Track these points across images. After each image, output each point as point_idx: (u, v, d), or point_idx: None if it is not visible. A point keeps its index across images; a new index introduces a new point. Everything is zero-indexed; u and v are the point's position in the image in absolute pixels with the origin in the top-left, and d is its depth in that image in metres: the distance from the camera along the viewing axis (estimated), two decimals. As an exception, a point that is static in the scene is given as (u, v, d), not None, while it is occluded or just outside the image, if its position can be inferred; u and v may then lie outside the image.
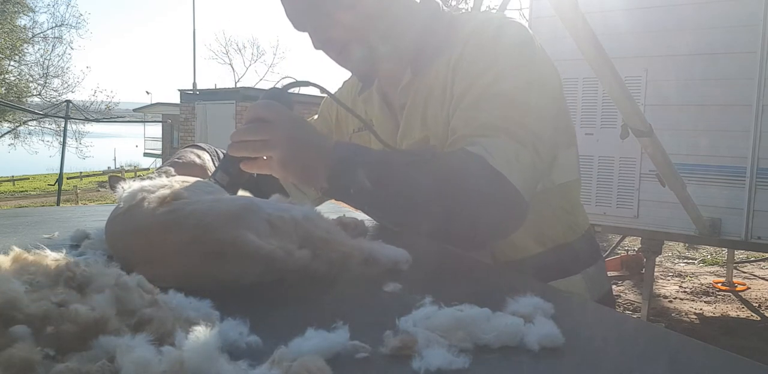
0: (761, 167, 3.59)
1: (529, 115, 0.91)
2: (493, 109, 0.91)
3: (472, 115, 0.92)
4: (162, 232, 0.73)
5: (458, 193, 0.83)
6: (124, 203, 0.81)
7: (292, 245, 0.71)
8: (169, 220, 0.73)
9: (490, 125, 0.89)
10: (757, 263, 6.14)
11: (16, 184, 18.87)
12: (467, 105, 0.94)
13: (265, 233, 0.71)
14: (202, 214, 0.72)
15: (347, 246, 0.76)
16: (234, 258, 0.69)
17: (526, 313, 0.58)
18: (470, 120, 0.92)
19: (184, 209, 0.74)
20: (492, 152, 0.86)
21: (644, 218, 3.97)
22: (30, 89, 21.58)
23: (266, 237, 0.70)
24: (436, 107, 1.01)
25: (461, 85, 0.96)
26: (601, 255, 1.19)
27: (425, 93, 1.04)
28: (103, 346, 0.45)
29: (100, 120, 17.05)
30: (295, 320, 0.61)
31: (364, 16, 0.99)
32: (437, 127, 1.01)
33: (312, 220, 0.76)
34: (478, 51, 0.96)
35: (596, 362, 0.53)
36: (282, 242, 0.71)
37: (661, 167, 3.09)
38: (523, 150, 0.88)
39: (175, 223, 0.72)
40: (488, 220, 0.86)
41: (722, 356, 0.53)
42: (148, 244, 0.73)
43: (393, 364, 0.50)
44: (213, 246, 0.69)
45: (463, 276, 0.84)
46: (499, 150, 0.87)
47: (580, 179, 1.12)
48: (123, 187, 0.85)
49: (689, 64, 3.74)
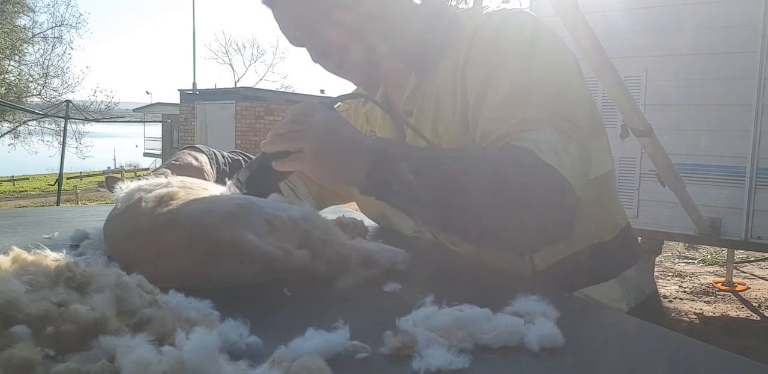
0: (761, 167, 3.59)
1: (562, 103, 0.85)
2: (524, 105, 0.85)
3: (505, 114, 0.86)
4: (161, 232, 0.73)
5: (509, 189, 0.77)
6: (121, 204, 0.81)
7: (291, 245, 0.71)
8: (168, 220, 0.73)
9: (531, 119, 0.83)
10: (757, 263, 6.14)
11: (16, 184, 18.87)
12: (496, 106, 0.87)
13: (264, 233, 0.70)
14: (200, 213, 0.72)
15: (345, 247, 0.75)
16: (233, 258, 0.69)
17: (526, 313, 0.58)
18: (506, 119, 0.85)
19: (182, 208, 0.73)
20: (540, 146, 0.80)
21: (644, 218, 3.96)
22: (30, 89, 21.57)
23: (265, 237, 0.70)
24: (446, 112, 0.97)
25: (475, 87, 0.91)
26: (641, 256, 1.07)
27: (433, 99, 1.00)
28: (103, 346, 0.45)
29: (100, 120, 17.05)
30: (295, 320, 0.61)
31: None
32: (449, 133, 0.97)
33: (310, 220, 0.76)
34: (485, 49, 0.91)
35: (596, 362, 0.53)
36: (281, 242, 0.71)
37: (661, 167, 3.09)
38: (570, 142, 0.82)
39: (174, 223, 0.72)
40: (541, 218, 0.78)
41: (722, 356, 0.53)
42: (147, 244, 0.73)
43: (393, 364, 0.50)
44: (212, 246, 0.69)
45: (463, 276, 0.84)
46: (547, 143, 0.80)
47: (615, 169, 1.00)
48: (120, 187, 0.85)
49: (689, 64, 3.74)
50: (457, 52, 0.95)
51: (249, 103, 13.70)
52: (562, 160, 0.79)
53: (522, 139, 0.81)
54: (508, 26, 0.92)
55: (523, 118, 0.84)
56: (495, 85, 0.88)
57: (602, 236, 0.99)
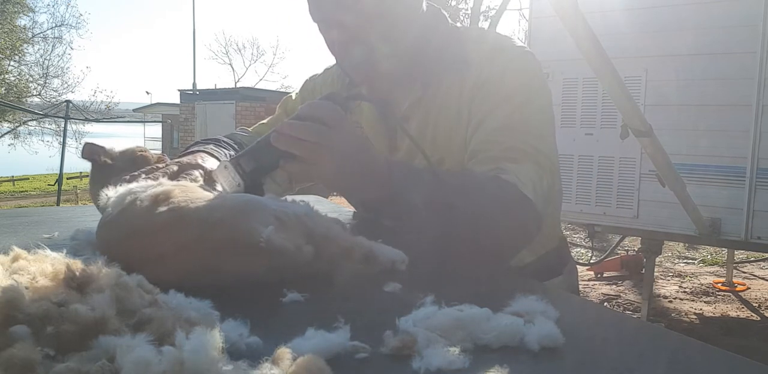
0: (761, 167, 3.59)
1: (543, 141, 1.02)
2: (515, 135, 1.00)
3: (496, 139, 1.00)
4: (164, 231, 0.72)
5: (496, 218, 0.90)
6: (112, 208, 0.80)
7: (300, 240, 0.72)
8: (172, 218, 0.72)
9: (516, 149, 0.98)
10: (757, 263, 6.14)
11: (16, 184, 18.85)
12: (491, 130, 1.01)
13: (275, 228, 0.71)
14: (209, 210, 0.72)
15: (348, 242, 0.76)
16: (247, 251, 0.69)
17: (526, 313, 0.58)
18: (496, 144, 1.00)
19: (186, 207, 0.73)
20: (521, 179, 0.95)
21: (644, 219, 3.96)
22: (30, 89, 21.57)
23: (275, 232, 0.70)
24: (448, 127, 1.07)
25: (481, 112, 1.03)
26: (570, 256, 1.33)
27: (435, 112, 1.07)
28: (103, 346, 0.45)
29: (100, 120, 17.04)
30: (295, 320, 0.61)
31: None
32: (451, 147, 1.07)
33: (312, 217, 0.77)
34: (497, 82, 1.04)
35: (596, 362, 0.53)
36: (291, 237, 0.71)
37: (661, 167, 3.09)
38: (545, 174, 0.99)
39: (180, 220, 0.72)
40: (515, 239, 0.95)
41: (722, 356, 0.53)
42: (149, 245, 0.72)
43: (393, 364, 0.50)
44: (223, 241, 0.70)
45: (463, 276, 0.84)
46: (526, 176, 0.95)
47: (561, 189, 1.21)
48: (106, 194, 0.84)
49: (689, 64, 3.74)
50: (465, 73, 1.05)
51: (249, 103, 13.70)
52: (536, 192, 0.95)
53: (506, 171, 0.96)
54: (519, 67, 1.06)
55: (512, 146, 0.99)
56: (496, 114, 1.02)
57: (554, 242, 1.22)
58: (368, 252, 0.77)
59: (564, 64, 3.99)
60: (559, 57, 3.92)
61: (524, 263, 1.13)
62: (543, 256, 1.17)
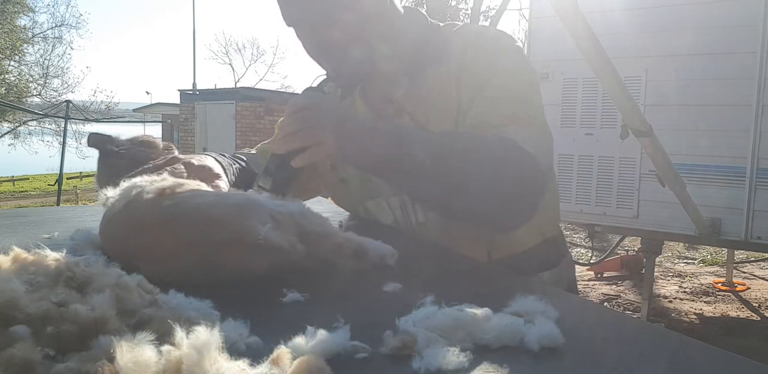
0: (761, 167, 3.59)
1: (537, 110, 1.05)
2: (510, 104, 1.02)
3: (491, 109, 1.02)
4: (168, 225, 0.73)
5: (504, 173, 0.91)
6: (119, 203, 0.81)
7: (295, 239, 0.74)
8: (176, 212, 0.74)
9: (512, 115, 1.01)
10: (757, 263, 6.14)
11: (16, 184, 18.85)
12: (484, 100, 1.03)
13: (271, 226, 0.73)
14: (209, 206, 0.74)
15: (339, 238, 0.79)
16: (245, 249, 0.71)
17: (526, 313, 0.58)
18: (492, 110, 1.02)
19: (188, 202, 0.75)
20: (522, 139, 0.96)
21: (644, 219, 3.96)
22: (30, 89, 21.56)
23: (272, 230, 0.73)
24: (439, 115, 1.07)
25: (470, 89, 1.05)
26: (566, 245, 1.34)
27: (425, 102, 1.08)
28: (103, 346, 0.45)
29: (100, 120, 17.02)
30: (295, 320, 0.61)
31: (364, 16, 0.99)
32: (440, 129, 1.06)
33: (306, 215, 0.79)
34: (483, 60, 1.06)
35: (596, 362, 0.53)
36: (286, 235, 0.73)
37: (661, 167, 3.09)
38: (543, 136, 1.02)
39: (183, 215, 0.74)
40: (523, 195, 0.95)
41: (722, 356, 0.53)
42: (153, 239, 0.74)
43: (393, 364, 0.50)
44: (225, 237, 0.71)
45: (463, 276, 0.84)
46: (525, 137, 0.97)
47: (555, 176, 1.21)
48: (106, 194, 0.84)
49: (689, 64, 3.74)
50: (448, 63, 1.07)
51: (249, 103, 13.69)
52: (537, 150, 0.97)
53: (506, 132, 0.97)
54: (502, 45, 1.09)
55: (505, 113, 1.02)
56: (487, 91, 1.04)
57: (554, 229, 1.22)
58: (358, 248, 0.79)
59: (564, 64, 3.99)
60: (559, 57, 3.92)
61: (527, 247, 1.14)
62: (542, 243, 1.17)
